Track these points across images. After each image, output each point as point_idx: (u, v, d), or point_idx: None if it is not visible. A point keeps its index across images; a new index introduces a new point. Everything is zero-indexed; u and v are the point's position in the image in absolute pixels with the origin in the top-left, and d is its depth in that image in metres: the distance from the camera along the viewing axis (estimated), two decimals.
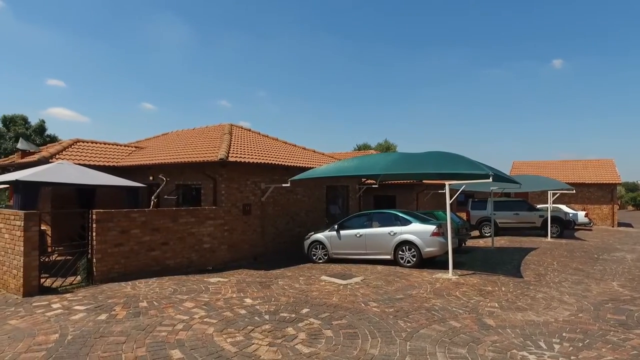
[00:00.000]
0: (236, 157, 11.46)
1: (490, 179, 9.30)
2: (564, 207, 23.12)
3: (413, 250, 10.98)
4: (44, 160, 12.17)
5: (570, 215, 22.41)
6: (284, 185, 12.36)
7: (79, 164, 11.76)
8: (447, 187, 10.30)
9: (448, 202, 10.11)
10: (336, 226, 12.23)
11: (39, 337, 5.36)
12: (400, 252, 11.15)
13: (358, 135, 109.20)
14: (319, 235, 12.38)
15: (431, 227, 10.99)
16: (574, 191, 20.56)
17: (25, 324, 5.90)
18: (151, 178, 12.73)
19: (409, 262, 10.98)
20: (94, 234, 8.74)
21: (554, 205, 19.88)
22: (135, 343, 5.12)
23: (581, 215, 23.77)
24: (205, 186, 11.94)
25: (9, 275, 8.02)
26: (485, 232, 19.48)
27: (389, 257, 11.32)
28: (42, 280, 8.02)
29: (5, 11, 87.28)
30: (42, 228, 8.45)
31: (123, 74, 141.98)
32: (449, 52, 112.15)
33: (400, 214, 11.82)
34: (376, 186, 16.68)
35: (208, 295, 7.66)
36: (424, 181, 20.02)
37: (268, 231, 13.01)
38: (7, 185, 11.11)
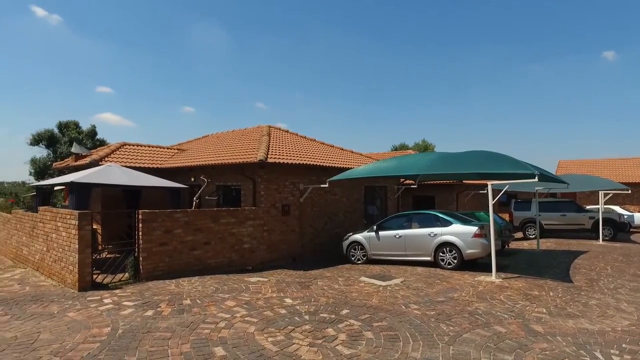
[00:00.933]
0: (275, 158, 11.61)
1: (536, 179, 8.93)
2: (616, 209, 21.80)
3: (454, 251, 10.71)
4: (95, 163, 12.82)
5: (625, 217, 21.09)
6: (322, 185, 12.41)
7: (126, 166, 12.30)
8: (489, 187, 9.98)
9: (491, 202, 9.80)
10: (375, 227, 12.14)
11: (94, 329, 5.65)
12: (441, 254, 10.91)
13: (394, 135, 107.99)
14: (358, 236, 12.32)
15: (473, 228, 10.69)
16: (630, 191, 19.34)
17: (81, 317, 6.25)
18: (192, 179, 13.12)
19: (449, 264, 10.72)
20: (140, 233, 9.11)
21: (605, 206, 18.81)
22: (180, 339, 5.28)
23: (638, 217, 22.31)
24: (244, 187, 12.16)
25: (67, 271, 8.51)
26: (530, 234, 18.72)
27: (428, 258, 11.11)
28: (95, 276, 8.46)
29: (62, 25, 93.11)
30: (93, 227, 8.91)
31: (165, 79, 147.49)
32: (488, 49, 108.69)
33: (441, 215, 11.57)
34: (415, 186, 16.41)
35: (248, 294, 7.80)
36: (464, 181, 19.51)
37: (306, 232, 13.09)
38: (63, 187, 11.78)
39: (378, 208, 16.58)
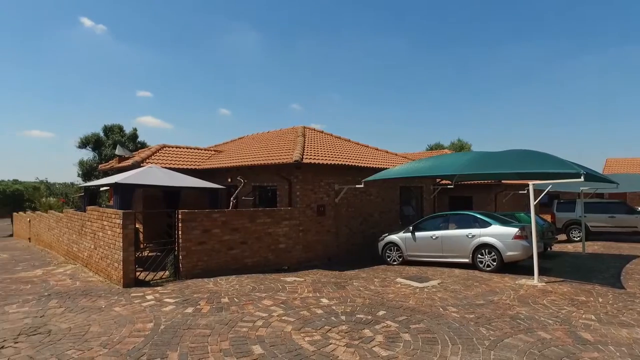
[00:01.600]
0: (310, 158, 11.67)
1: (582, 179, 8.51)
2: None
3: (493, 253, 10.40)
4: (137, 165, 13.33)
5: None
6: (357, 186, 12.36)
7: (166, 167, 12.71)
8: (530, 187, 9.61)
9: (532, 203, 9.44)
10: (411, 227, 11.97)
11: (138, 324, 5.88)
12: (479, 256, 10.62)
13: (429, 135, 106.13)
14: (394, 237, 12.19)
15: (513, 230, 10.34)
16: None
17: (126, 312, 6.52)
18: (229, 180, 13.39)
19: (488, 266, 10.42)
20: (180, 232, 9.38)
21: None
22: (219, 336, 5.40)
23: None
24: (280, 187, 12.29)
25: (112, 268, 8.90)
26: (574, 236, 17.87)
27: (466, 260, 10.84)
28: (138, 273, 8.80)
29: (106, 34, 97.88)
30: (136, 226, 9.25)
31: (202, 83, 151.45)
32: (526, 46, 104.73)
33: (479, 216, 11.26)
34: (452, 187, 16.07)
35: (285, 294, 7.88)
36: (502, 181, 18.90)
37: (341, 232, 13.08)
38: (108, 187, 12.32)
39: (414, 208, 16.35)
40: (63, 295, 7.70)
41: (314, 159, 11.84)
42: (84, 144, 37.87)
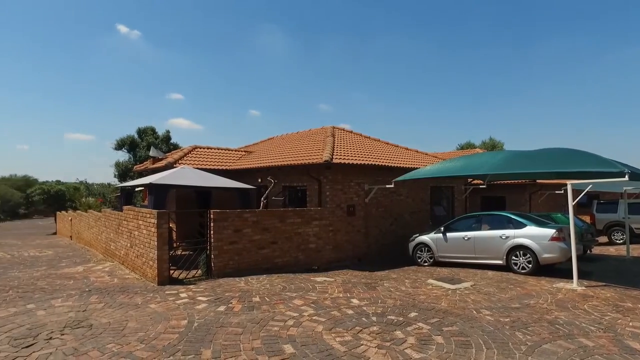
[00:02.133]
0: (340, 158, 11.65)
1: (626, 177, 8.10)
2: None
3: (528, 255, 10.07)
4: (170, 165, 13.68)
5: None
6: (387, 186, 12.26)
7: (197, 168, 12.98)
8: (569, 187, 9.24)
9: (571, 203, 9.06)
10: (442, 228, 11.76)
11: (172, 321, 6.03)
12: (514, 258, 10.31)
13: (459, 134, 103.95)
14: (424, 238, 12.02)
15: (550, 231, 9.98)
16: None
17: (161, 309, 6.70)
18: (260, 180, 13.55)
19: (523, 268, 10.10)
20: (212, 232, 9.55)
21: None
22: (251, 335, 5.46)
23: None
24: (310, 187, 12.33)
25: (147, 266, 9.17)
26: (617, 239, 17.06)
27: (500, 262, 10.55)
28: (171, 271, 9.02)
29: (141, 39, 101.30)
30: (169, 226, 9.49)
31: (232, 85, 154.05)
32: (559, 42, 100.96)
33: (513, 216, 10.94)
34: (484, 187, 15.68)
35: (315, 294, 7.89)
36: (537, 181, 18.30)
37: (371, 232, 12.99)
38: (143, 188, 12.70)
39: (445, 209, 16.06)
40: (102, 292, 8.00)
41: (344, 159, 11.81)
42: (119, 145, 39.29)
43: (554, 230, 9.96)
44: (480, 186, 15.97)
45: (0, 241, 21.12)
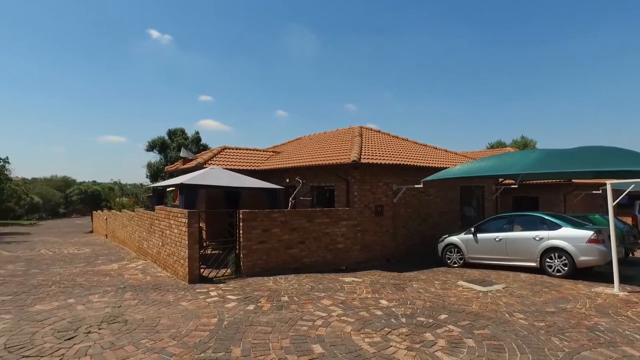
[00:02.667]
0: (368, 158, 11.58)
1: None
2: None
3: (564, 258, 9.71)
4: (200, 166, 13.94)
5: None
6: (416, 186, 12.10)
7: (227, 169, 13.18)
8: (608, 187, 8.85)
9: (611, 204, 8.68)
10: (473, 229, 11.51)
11: (203, 319, 6.14)
12: (548, 260, 9.96)
13: (489, 133, 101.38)
14: (454, 238, 11.79)
15: (587, 233, 9.59)
16: None
17: (192, 307, 6.84)
18: (288, 180, 13.62)
19: (558, 271, 9.75)
20: (241, 231, 9.67)
21: None
22: (280, 334, 5.49)
23: None
24: (338, 188, 12.31)
25: (178, 264, 9.38)
26: None
27: (533, 264, 10.22)
28: (202, 270, 9.19)
29: (172, 43, 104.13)
30: (199, 225, 9.68)
31: (259, 86, 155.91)
32: (592, 37, 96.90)
33: (547, 217, 10.57)
34: (515, 186, 15.23)
35: (344, 294, 7.87)
36: (573, 181, 17.62)
37: (400, 233, 12.86)
38: (174, 188, 13.02)
39: (474, 209, 15.71)
40: (136, 289, 8.24)
41: (372, 158, 11.73)
42: (151, 147, 40.37)
43: (592, 232, 9.57)
44: (512, 186, 15.54)
45: (43, 238, 22.12)
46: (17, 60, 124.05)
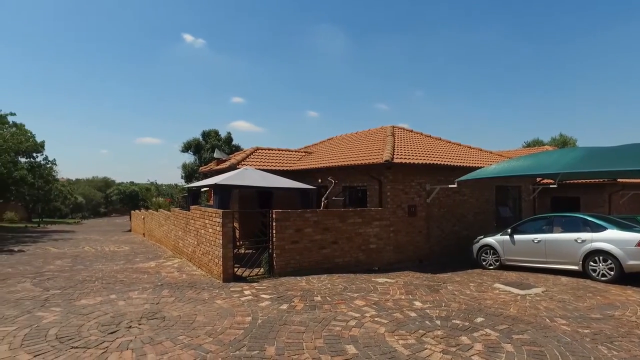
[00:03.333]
0: (400, 158, 11.45)
1: None
2: None
3: (610, 262, 9.25)
4: (233, 167, 14.18)
5: None
6: (450, 186, 11.86)
7: (259, 169, 13.34)
8: None
9: None
10: (509, 230, 11.16)
11: (237, 317, 6.24)
12: (592, 264, 9.52)
13: (525, 131, 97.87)
14: (490, 240, 11.48)
15: (636, 235, 9.09)
16: None
17: (227, 305, 6.96)
18: (320, 180, 13.65)
19: (603, 275, 9.30)
20: (274, 231, 9.76)
21: None
22: (313, 334, 5.50)
23: None
24: (370, 188, 12.24)
25: (213, 263, 9.57)
26: None
27: (575, 267, 9.80)
28: (235, 269, 9.35)
29: (205, 47, 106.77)
30: (233, 225, 9.84)
31: (290, 87, 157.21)
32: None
33: (590, 218, 10.10)
34: (554, 186, 14.64)
35: (377, 295, 7.81)
36: (619, 180, 16.77)
37: (433, 233, 12.64)
38: (208, 188, 13.31)
39: (511, 210, 15.24)
40: (173, 286, 8.48)
41: (405, 158, 11.59)
42: (186, 148, 41.44)
43: None
44: (551, 186, 14.94)
45: (86, 236, 23.17)
46: (61, 68, 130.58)
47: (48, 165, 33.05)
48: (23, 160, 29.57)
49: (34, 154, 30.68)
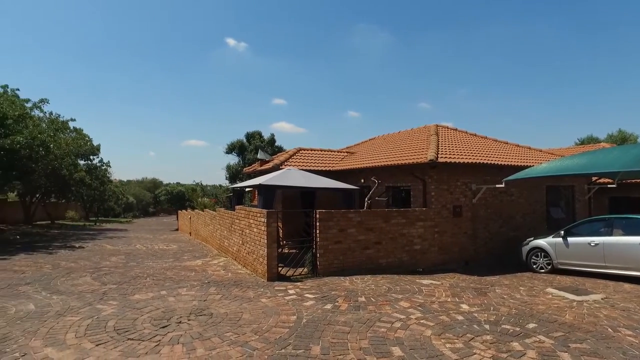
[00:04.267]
0: (445, 157, 11.18)
1: None
2: None
3: None
4: (276, 167, 14.39)
5: None
6: (497, 186, 11.43)
7: (302, 169, 13.45)
8: None
9: None
10: (562, 232, 10.61)
11: (282, 316, 6.32)
12: None
13: (578, 128, 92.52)
14: (541, 242, 10.96)
15: None
16: None
17: (272, 304, 7.07)
18: (362, 180, 13.58)
19: None
20: (317, 231, 9.80)
21: None
22: (358, 335, 5.48)
23: None
24: (414, 188, 12.03)
25: (258, 262, 9.76)
26: None
27: (639, 274, 9.15)
28: (279, 268, 9.47)
29: (247, 50, 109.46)
30: (277, 225, 9.98)
31: (331, 87, 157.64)
32: None
33: None
34: (613, 186, 13.76)
35: (422, 296, 7.67)
36: None
37: (479, 234, 12.24)
38: (251, 188, 13.59)
39: (563, 211, 14.48)
40: (219, 284, 8.72)
41: (449, 157, 11.30)
42: (230, 149, 42.52)
43: None
44: (609, 186, 14.06)
45: (138, 235, 24.33)
46: (115, 78, 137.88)
47: (103, 167, 35.01)
48: (82, 162, 31.48)
49: (91, 157, 32.58)
